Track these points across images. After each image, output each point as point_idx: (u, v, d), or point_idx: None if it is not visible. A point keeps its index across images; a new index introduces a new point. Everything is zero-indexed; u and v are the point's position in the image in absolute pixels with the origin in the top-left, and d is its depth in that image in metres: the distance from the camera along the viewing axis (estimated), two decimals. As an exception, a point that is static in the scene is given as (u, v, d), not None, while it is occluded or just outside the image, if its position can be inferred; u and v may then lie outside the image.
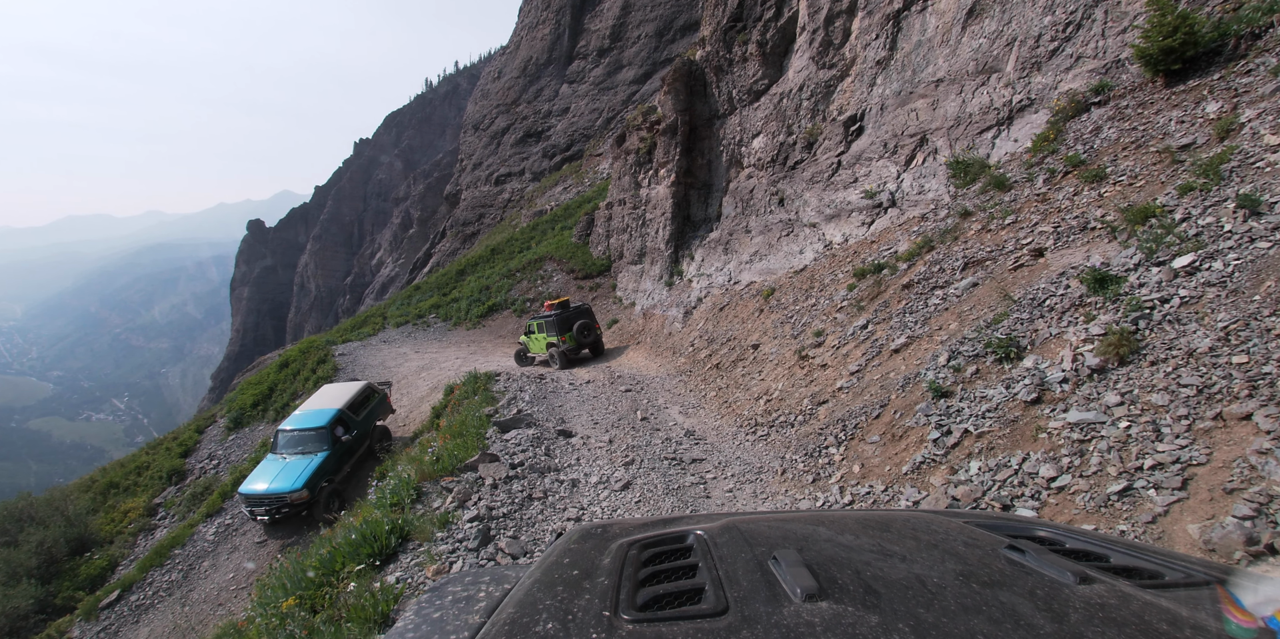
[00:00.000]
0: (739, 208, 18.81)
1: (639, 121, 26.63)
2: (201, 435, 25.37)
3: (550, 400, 12.31)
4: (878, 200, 12.23)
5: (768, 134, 18.50)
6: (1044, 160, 8.45)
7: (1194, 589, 1.24)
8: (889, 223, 11.56)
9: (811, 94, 16.66)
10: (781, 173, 17.12)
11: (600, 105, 66.19)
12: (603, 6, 67.71)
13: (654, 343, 18.30)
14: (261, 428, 22.83)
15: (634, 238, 26.27)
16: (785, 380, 9.53)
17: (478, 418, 10.24)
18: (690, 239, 22.32)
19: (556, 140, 67.86)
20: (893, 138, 12.89)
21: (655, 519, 1.86)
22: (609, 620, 1.15)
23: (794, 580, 1.17)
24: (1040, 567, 1.29)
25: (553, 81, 70.43)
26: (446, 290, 35.32)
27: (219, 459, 22.72)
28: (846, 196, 13.58)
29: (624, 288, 26.38)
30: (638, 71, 63.93)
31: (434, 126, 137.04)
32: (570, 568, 1.46)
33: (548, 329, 18.67)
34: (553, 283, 30.92)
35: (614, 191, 29.31)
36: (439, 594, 1.83)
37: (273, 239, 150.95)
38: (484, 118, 76.64)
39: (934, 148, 11.65)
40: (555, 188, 58.35)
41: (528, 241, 38.35)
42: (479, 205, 71.40)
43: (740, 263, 16.67)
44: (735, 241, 17.86)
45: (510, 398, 12.36)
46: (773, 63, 18.61)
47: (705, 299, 16.96)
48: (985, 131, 10.74)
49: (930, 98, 12.23)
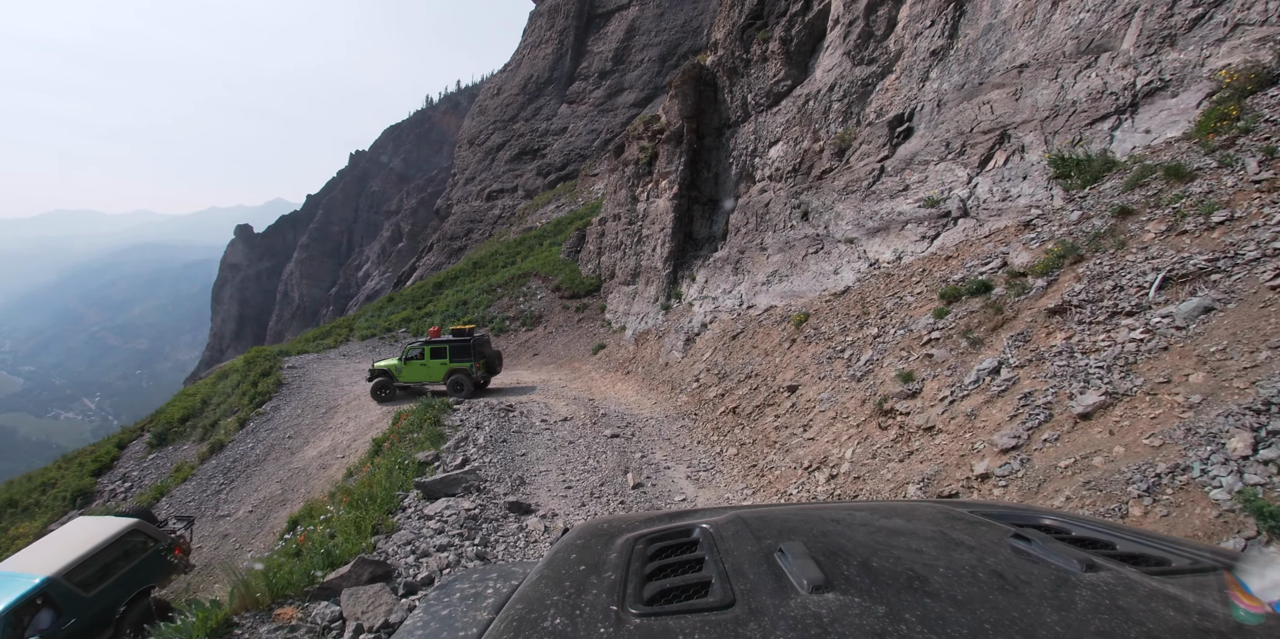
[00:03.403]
0: (752, 223, 16.11)
1: (640, 130, 24.10)
2: (122, 451, 21.79)
3: (511, 445, 9.25)
4: (943, 209, 9.55)
5: (788, 141, 15.93)
6: (1234, 143, 5.82)
7: (1200, 575, 1.20)
8: (963, 235, 8.84)
9: (844, 94, 14.15)
10: (805, 183, 14.49)
11: (599, 126, 64.27)
12: (607, 29, 66.34)
13: (647, 373, 15.34)
14: (185, 447, 19.40)
15: (628, 256, 23.48)
16: (858, 445, 6.57)
17: (403, 468, 7.18)
18: (691, 258, 19.55)
19: (552, 159, 65.66)
20: (957, 136, 10.30)
21: (661, 514, 1.81)
22: (616, 615, 1.12)
23: (800, 572, 1.14)
24: (1047, 555, 1.25)
25: (552, 101, 68.54)
26: (421, 303, 32.15)
27: (133, 482, 19.18)
28: (895, 207, 10.91)
29: (614, 310, 23.49)
30: (638, 95, 62.25)
31: (431, 142, 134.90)
32: (577, 563, 1.41)
33: (455, 355, 16.61)
34: (536, 301, 27.94)
35: (609, 206, 26.62)
36: (447, 591, 1.78)
37: (260, 245, 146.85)
38: (480, 133, 74.41)
39: (1020, 145, 9.04)
40: (548, 206, 55.80)
41: (513, 256, 35.39)
42: (468, 220, 68.61)
43: (755, 284, 13.87)
44: (748, 261, 15.09)
45: (461, 438, 9.32)
46: (797, 62, 16.16)
47: (711, 325, 14.07)
48: (1098, 121, 8.15)
49: (1010, 87, 9.68)
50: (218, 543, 12.73)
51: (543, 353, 23.94)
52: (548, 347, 24.33)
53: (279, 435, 16.42)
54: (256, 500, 13.73)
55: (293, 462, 15.02)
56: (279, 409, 18.14)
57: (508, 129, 70.63)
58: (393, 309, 32.84)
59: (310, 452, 15.34)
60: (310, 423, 16.77)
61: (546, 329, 25.67)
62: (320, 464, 14.62)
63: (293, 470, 14.61)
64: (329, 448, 15.33)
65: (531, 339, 25.39)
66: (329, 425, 16.47)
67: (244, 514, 13.37)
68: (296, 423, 16.91)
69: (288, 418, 17.33)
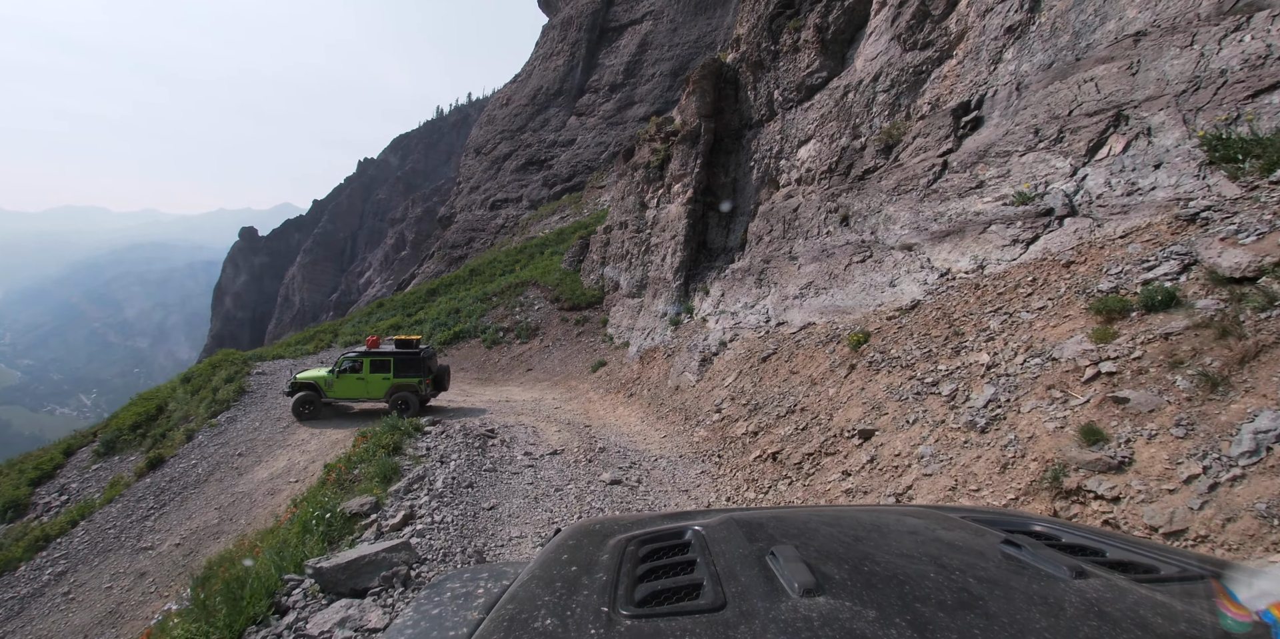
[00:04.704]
0: (778, 230, 14.09)
1: (652, 132, 22.22)
2: (69, 459, 19.51)
3: (480, 492, 7.02)
4: (1041, 207, 7.52)
5: (822, 139, 13.99)
6: None
7: (1189, 583, 1.18)
8: (1076, 237, 6.80)
9: (892, 84, 12.23)
10: (843, 185, 12.50)
11: (607, 139, 62.80)
12: (619, 43, 65.23)
13: (654, 398, 13.18)
14: (133, 458, 17.14)
15: (634, 266, 21.45)
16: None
17: (319, 525, 5.00)
18: (705, 270, 17.52)
19: (559, 170, 64.13)
20: (1049, 122, 8.32)
21: (654, 515, 1.75)
22: (607, 616, 1.09)
23: (792, 576, 1.11)
24: (1036, 561, 1.23)
25: (560, 112, 67.21)
26: (412, 310, 30.03)
27: (70, 494, 16.84)
28: (967, 206, 8.89)
29: (616, 324, 21.39)
30: (649, 109, 60.76)
31: (440, 153, 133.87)
32: (568, 564, 1.38)
33: (400, 369, 14.42)
34: (533, 312, 25.83)
35: (615, 213, 24.67)
36: (438, 591, 1.74)
37: (263, 248, 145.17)
38: (487, 142, 73.02)
39: (1144, 127, 7.05)
40: (552, 217, 54.03)
41: (511, 264, 33.36)
42: (471, 229, 66.81)
43: (784, 298, 11.79)
44: (774, 271, 13.04)
45: (418, 476, 7.17)
46: (833, 52, 14.29)
47: (732, 344, 11.94)
48: (1264, 93, 6.17)
49: (1121, 61, 7.72)
50: (132, 583, 10.47)
51: (537, 368, 21.79)
52: (543, 361, 22.19)
53: (228, 452, 14.20)
54: (187, 531, 11.49)
55: (238, 484, 12.80)
56: (236, 421, 15.93)
57: (515, 139, 69.16)
58: (381, 315, 30.72)
59: (261, 473, 13.13)
60: (267, 438, 14.57)
61: (543, 342, 23.55)
62: (269, 489, 12.40)
63: (236, 496, 12.38)
64: (283, 469, 13.12)
65: (526, 353, 23.24)
66: (288, 442, 14.27)
67: (169, 548, 11.12)
68: (252, 438, 14.70)
69: (243, 431, 15.12)
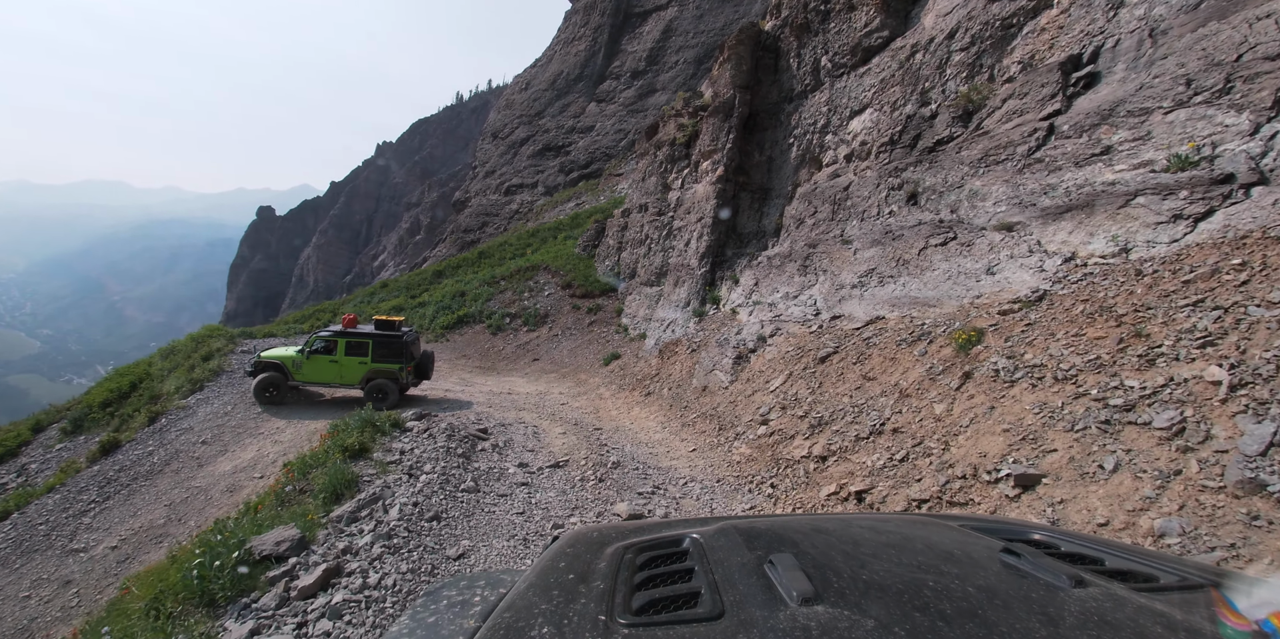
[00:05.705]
0: (825, 212, 12.15)
1: (679, 107, 20.26)
2: (36, 436, 17.98)
3: (449, 527, 5.11)
4: (1215, 172, 5.59)
5: (881, 107, 12.02)
6: None
7: (1188, 592, 1.17)
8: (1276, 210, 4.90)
9: (972, 41, 10.24)
10: (908, 158, 10.55)
11: (627, 127, 60.66)
12: (643, 29, 62.97)
13: (676, 398, 11.31)
14: (98, 438, 15.57)
15: (654, 252, 19.57)
16: None
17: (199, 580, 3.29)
18: (734, 257, 15.61)
19: (576, 156, 62.13)
20: (1207, 70, 6.36)
21: (651, 523, 1.74)
22: (604, 625, 1.07)
23: (790, 584, 1.10)
24: (1036, 570, 1.21)
25: (580, 98, 65.12)
26: (416, 292, 28.32)
27: (28, 476, 15.30)
28: (1092, 176, 6.95)
29: (632, 314, 19.54)
30: (670, 97, 58.40)
31: (458, 139, 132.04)
32: (565, 572, 1.35)
33: (379, 353, 12.61)
34: (543, 298, 24.03)
35: (635, 195, 22.77)
36: (434, 598, 1.72)
37: (280, 228, 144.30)
38: (505, 126, 71.08)
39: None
40: (567, 203, 52.08)
41: (523, 248, 31.54)
42: (484, 213, 65.04)
43: (838, 288, 9.87)
44: (822, 257, 11.12)
45: (373, 496, 5.40)
46: (895, 9, 12.29)
47: (774, 339, 10.00)
48: None
49: (1330, -12, 5.74)
50: (53, 593, 8.79)
51: (544, 358, 20.01)
52: (551, 351, 20.40)
53: (191, 439, 12.52)
54: (128, 531, 9.80)
55: (196, 478, 11.10)
56: (206, 403, 14.25)
57: (533, 124, 67.20)
58: (385, 295, 29.06)
59: (224, 465, 11.43)
60: (237, 425, 12.87)
61: (552, 331, 21.76)
62: (229, 484, 10.70)
63: (191, 490, 10.69)
64: (250, 461, 11.41)
65: (533, 341, 21.47)
66: (260, 430, 12.57)
67: (103, 551, 9.44)
68: (220, 423, 13.01)
69: (211, 416, 13.44)
